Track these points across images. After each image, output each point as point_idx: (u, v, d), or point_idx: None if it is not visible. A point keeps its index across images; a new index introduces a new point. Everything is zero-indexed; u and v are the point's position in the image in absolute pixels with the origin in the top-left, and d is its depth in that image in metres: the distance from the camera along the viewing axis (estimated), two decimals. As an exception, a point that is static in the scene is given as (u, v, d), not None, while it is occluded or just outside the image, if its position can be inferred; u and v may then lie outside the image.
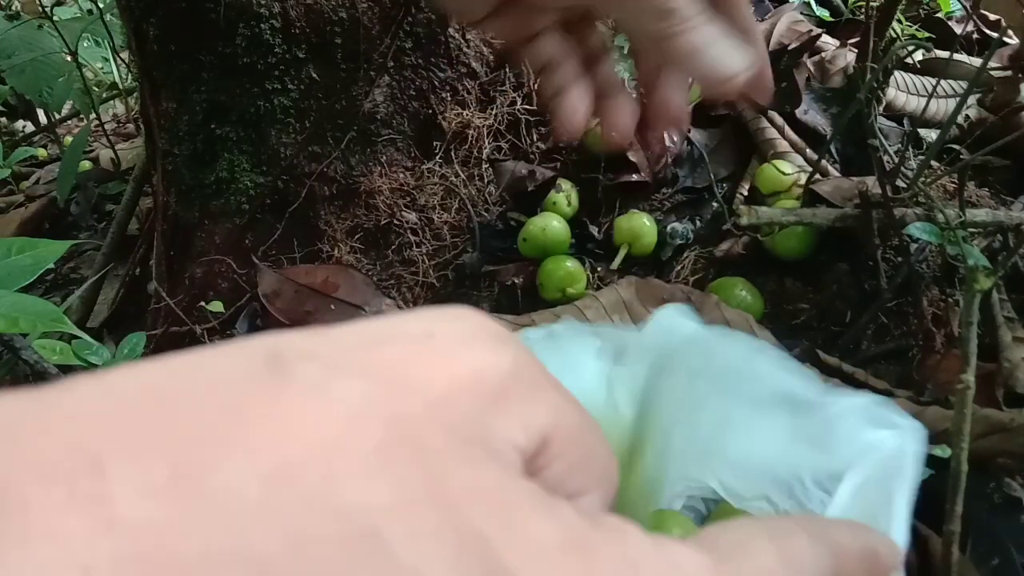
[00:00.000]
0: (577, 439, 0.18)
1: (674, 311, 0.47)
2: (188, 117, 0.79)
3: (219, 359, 0.14)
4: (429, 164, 0.81)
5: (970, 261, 0.48)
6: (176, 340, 0.80)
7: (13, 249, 0.53)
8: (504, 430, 0.16)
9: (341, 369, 0.15)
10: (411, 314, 0.17)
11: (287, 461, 0.13)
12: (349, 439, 0.13)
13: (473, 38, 0.80)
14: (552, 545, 0.14)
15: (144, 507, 0.11)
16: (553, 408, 0.17)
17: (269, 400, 0.13)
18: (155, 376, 0.14)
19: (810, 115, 0.78)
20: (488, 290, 0.73)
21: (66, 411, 0.13)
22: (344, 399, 0.14)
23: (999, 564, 0.46)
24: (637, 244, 0.70)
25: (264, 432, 0.13)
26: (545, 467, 0.17)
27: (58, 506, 0.11)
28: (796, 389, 0.39)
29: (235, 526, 0.12)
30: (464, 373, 0.16)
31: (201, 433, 0.13)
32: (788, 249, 0.67)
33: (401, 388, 0.15)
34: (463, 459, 0.14)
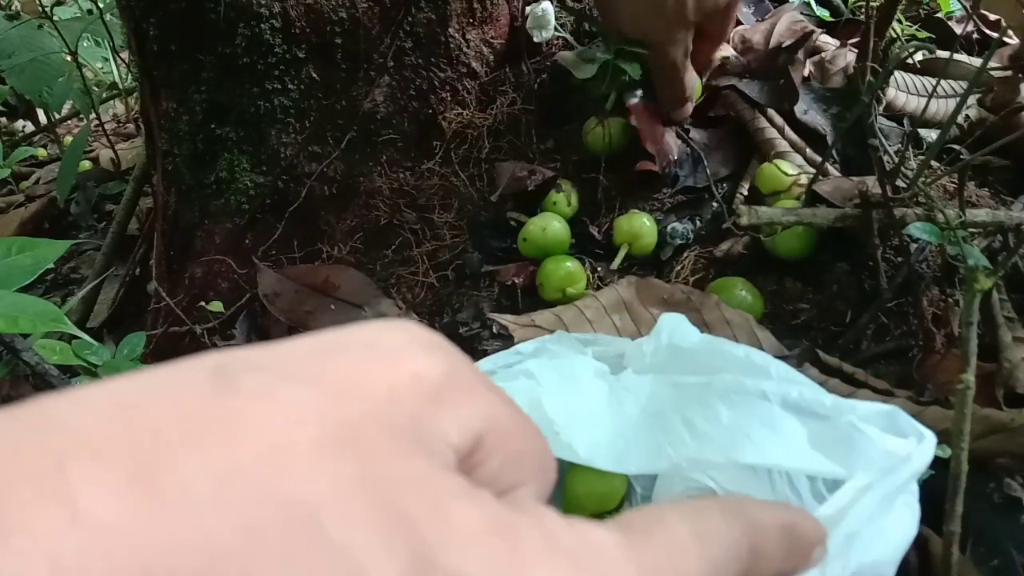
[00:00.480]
0: (510, 436, 0.19)
1: (676, 319, 0.47)
2: (188, 117, 0.79)
3: (175, 373, 0.16)
4: (429, 164, 0.81)
5: (970, 261, 0.48)
6: (176, 340, 0.80)
7: (13, 249, 0.53)
8: (439, 429, 0.17)
9: (285, 378, 0.16)
10: (353, 328, 0.19)
11: (236, 461, 0.14)
12: (292, 439, 0.15)
13: (473, 38, 0.80)
14: (475, 528, 0.16)
15: (106, 503, 0.12)
16: (486, 409, 0.18)
17: (218, 407, 0.15)
18: (119, 391, 0.15)
19: (810, 115, 0.78)
20: (488, 290, 0.73)
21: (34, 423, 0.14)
22: (288, 404, 0.15)
23: (999, 564, 0.46)
24: (637, 244, 0.70)
25: (215, 436, 0.14)
26: (480, 463, 0.18)
27: (26, 504, 0.12)
28: (808, 397, 0.39)
29: (190, 518, 0.13)
30: (402, 378, 0.17)
31: (157, 438, 0.14)
32: (789, 249, 0.67)
33: (342, 393, 0.16)
34: (397, 454, 0.16)
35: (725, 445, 0.40)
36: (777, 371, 0.42)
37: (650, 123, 0.77)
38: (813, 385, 0.41)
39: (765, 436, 0.39)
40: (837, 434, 0.38)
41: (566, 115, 0.82)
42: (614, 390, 0.46)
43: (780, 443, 0.39)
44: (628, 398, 0.45)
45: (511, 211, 0.78)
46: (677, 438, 0.42)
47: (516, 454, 0.19)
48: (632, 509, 0.20)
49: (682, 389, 0.43)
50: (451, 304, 0.73)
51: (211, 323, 0.77)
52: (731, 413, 0.41)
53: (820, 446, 0.38)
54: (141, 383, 0.15)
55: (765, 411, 0.40)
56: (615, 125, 0.75)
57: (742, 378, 0.41)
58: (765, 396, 0.40)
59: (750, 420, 0.40)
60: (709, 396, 0.42)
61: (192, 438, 0.14)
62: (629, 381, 0.46)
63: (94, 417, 0.14)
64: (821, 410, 0.39)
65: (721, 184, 0.76)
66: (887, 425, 0.38)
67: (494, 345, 0.67)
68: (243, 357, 0.17)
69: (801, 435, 0.39)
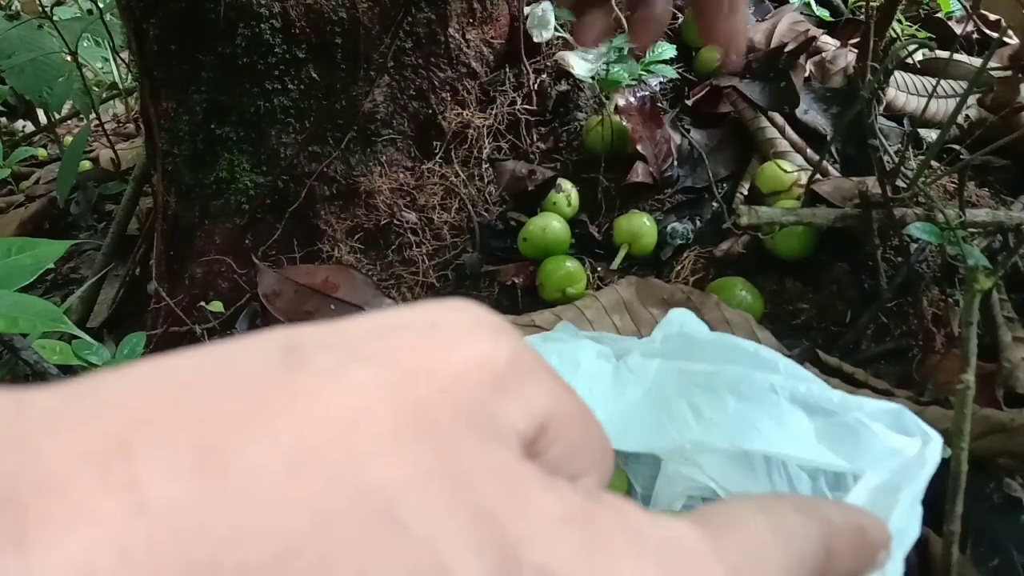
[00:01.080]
0: (573, 425, 0.18)
1: (686, 314, 0.47)
2: (188, 117, 0.79)
3: (239, 351, 0.15)
4: (429, 164, 0.81)
5: (970, 261, 0.48)
6: (176, 340, 0.80)
7: (13, 249, 0.53)
8: (506, 415, 0.16)
9: (354, 357, 0.15)
10: (416, 306, 0.18)
11: (308, 443, 0.13)
12: (365, 421, 0.14)
13: (473, 38, 0.80)
14: (555, 517, 0.15)
15: (173, 489, 0.12)
16: (550, 395, 0.18)
17: (288, 387, 0.14)
18: (179, 368, 0.14)
19: (810, 115, 0.78)
20: (488, 290, 0.73)
21: (96, 403, 0.13)
22: (358, 384, 0.15)
23: (999, 564, 0.46)
24: (637, 244, 0.70)
25: (285, 417, 0.14)
26: (544, 451, 0.17)
27: (93, 490, 0.12)
28: (816, 393, 0.39)
29: (260, 504, 0.12)
30: (467, 361, 0.17)
31: (224, 420, 0.13)
32: (789, 249, 0.67)
33: (410, 374, 0.16)
34: (471, 440, 0.15)
35: (731, 432, 0.40)
36: (785, 367, 0.42)
37: (644, 124, 0.77)
38: (820, 382, 0.41)
39: (772, 427, 0.39)
40: (844, 430, 0.38)
41: (566, 115, 0.82)
42: (618, 372, 0.46)
43: (786, 435, 0.39)
44: (632, 380, 0.45)
45: (511, 211, 0.78)
46: (682, 421, 0.42)
47: (578, 442, 0.19)
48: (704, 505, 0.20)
49: (689, 376, 0.43)
50: (451, 303, 0.73)
51: (211, 323, 0.77)
52: (738, 403, 0.40)
53: (826, 440, 0.38)
54: (205, 360, 0.15)
55: (772, 404, 0.40)
56: (615, 125, 0.75)
57: (751, 371, 0.41)
58: (773, 389, 0.40)
59: (757, 411, 0.40)
60: (717, 385, 0.42)
61: (260, 419, 0.13)
62: (635, 363, 0.46)
63: (158, 396, 0.13)
64: (828, 406, 0.39)
65: (721, 184, 0.76)
66: (893, 423, 0.38)
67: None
68: (311, 334, 0.16)
69: (808, 429, 0.39)
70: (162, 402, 0.13)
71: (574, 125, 0.81)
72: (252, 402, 0.14)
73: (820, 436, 0.38)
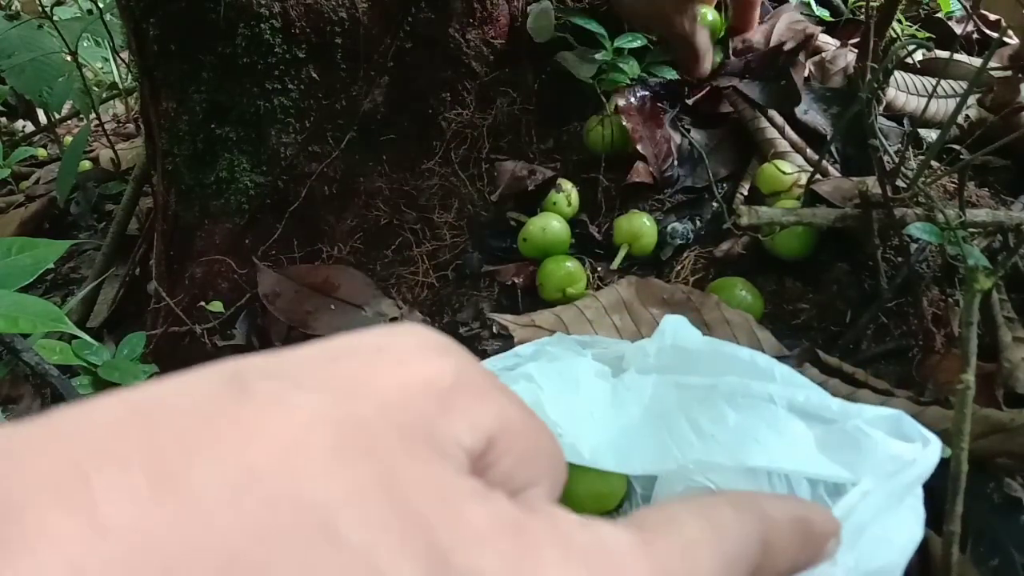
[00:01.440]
0: (521, 437, 0.19)
1: (678, 321, 0.47)
2: (188, 117, 0.79)
3: (187, 382, 0.16)
4: (429, 164, 0.81)
5: (970, 261, 0.48)
6: (176, 340, 0.80)
7: (13, 249, 0.53)
8: (450, 431, 0.17)
9: (296, 384, 0.16)
10: (361, 332, 0.19)
11: (251, 465, 0.14)
12: (306, 443, 0.15)
13: (473, 38, 0.80)
14: (488, 528, 0.16)
15: (127, 511, 0.13)
16: (498, 411, 0.19)
17: (232, 414, 0.15)
18: (131, 398, 0.15)
19: (810, 115, 0.78)
20: (488, 290, 0.73)
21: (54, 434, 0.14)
22: (299, 409, 0.16)
23: (999, 564, 0.46)
24: (637, 244, 0.70)
25: (230, 442, 0.14)
26: (492, 464, 0.18)
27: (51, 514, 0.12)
28: (815, 401, 0.39)
29: (207, 523, 0.13)
30: (412, 381, 0.17)
31: (175, 445, 0.14)
32: (789, 249, 0.67)
33: (354, 396, 0.16)
34: (410, 456, 0.16)
35: (732, 448, 0.40)
36: (781, 374, 0.42)
37: (644, 124, 0.77)
38: (818, 389, 0.41)
39: (772, 439, 0.39)
40: (844, 438, 0.38)
41: (566, 115, 0.82)
42: (616, 390, 0.46)
43: (788, 447, 0.39)
44: (631, 398, 0.45)
45: (511, 211, 0.78)
46: (683, 440, 0.42)
47: (527, 454, 0.19)
48: (643, 507, 0.20)
49: (686, 390, 0.43)
50: (451, 304, 0.73)
51: (211, 323, 0.77)
52: (737, 416, 0.40)
53: (827, 450, 0.38)
54: (157, 391, 0.16)
55: (771, 414, 0.40)
56: (615, 125, 0.75)
57: (748, 381, 0.41)
58: (771, 399, 0.40)
59: (756, 423, 0.40)
60: (715, 398, 0.42)
61: (208, 444, 0.14)
62: (632, 381, 0.46)
63: (112, 425, 0.14)
64: (827, 414, 0.39)
65: (721, 184, 0.76)
66: (893, 429, 0.38)
67: (494, 345, 0.67)
68: (257, 364, 0.17)
69: (808, 439, 0.39)
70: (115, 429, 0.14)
71: (574, 125, 0.81)
72: (199, 428, 0.15)
73: (821, 446, 0.38)
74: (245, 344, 0.74)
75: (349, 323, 0.73)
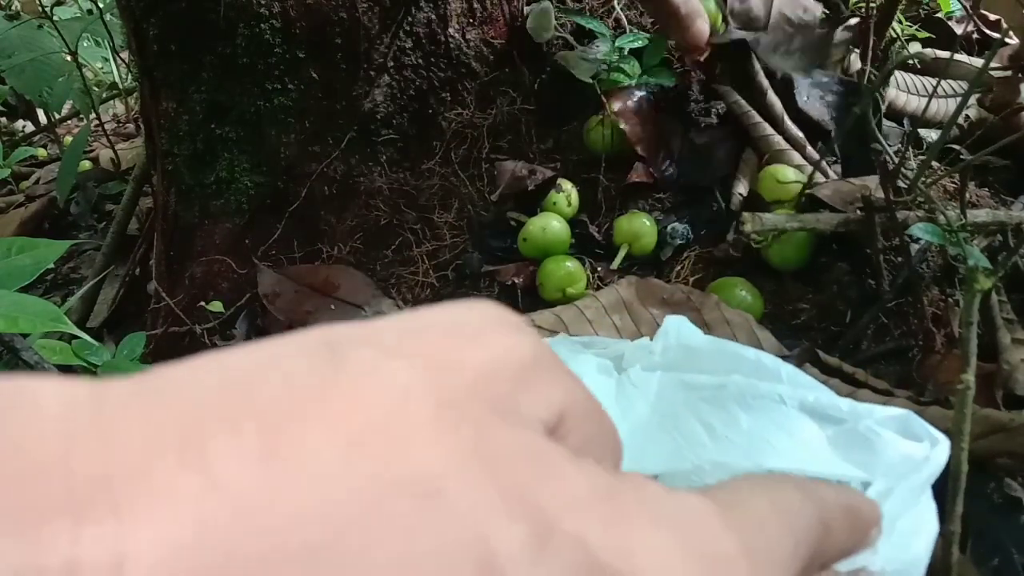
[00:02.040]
0: (588, 416, 0.20)
1: (680, 321, 0.47)
2: (188, 117, 0.79)
3: (281, 349, 0.17)
4: (429, 164, 0.81)
5: (971, 261, 0.48)
6: (176, 340, 0.80)
7: (13, 249, 0.53)
8: (530, 405, 0.18)
9: (389, 354, 0.17)
10: (440, 307, 0.20)
11: (358, 431, 0.15)
12: (406, 411, 0.15)
13: (473, 38, 0.80)
14: (584, 492, 0.16)
15: (241, 471, 0.13)
16: (567, 389, 0.19)
17: (332, 380, 0.16)
18: (235, 362, 0.16)
19: (810, 103, 0.77)
20: (488, 290, 0.73)
21: (165, 395, 0.15)
22: (396, 378, 0.16)
23: (999, 564, 0.46)
24: (637, 244, 0.70)
25: (334, 408, 0.15)
26: (562, 439, 0.19)
27: (171, 471, 0.13)
28: (825, 402, 0.39)
29: (317, 488, 0.14)
30: (492, 356, 0.18)
31: (280, 410, 0.15)
32: (783, 258, 0.66)
33: (442, 368, 0.17)
34: (502, 425, 0.17)
35: (747, 450, 0.40)
36: (789, 375, 0.42)
37: (643, 126, 0.77)
38: (826, 389, 0.41)
39: (785, 441, 0.39)
40: (856, 438, 0.38)
41: (566, 115, 0.82)
42: (622, 387, 0.46)
43: (801, 448, 0.39)
44: (636, 395, 0.45)
45: (511, 211, 0.78)
46: (695, 440, 0.41)
47: (593, 433, 0.20)
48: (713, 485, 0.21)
49: (693, 389, 0.43)
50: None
51: (211, 323, 0.77)
52: (749, 417, 0.40)
53: (840, 450, 0.38)
54: (257, 357, 0.16)
55: (783, 415, 0.40)
56: (615, 125, 0.75)
57: (756, 381, 0.41)
58: (782, 400, 0.40)
59: (769, 425, 0.40)
60: (725, 399, 0.42)
61: (312, 410, 0.15)
62: (637, 378, 0.46)
63: (216, 390, 0.15)
64: (838, 414, 0.39)
65: (721, 184, 0.76)
66: (902, 429, 0.38)
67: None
68: (348, 334, 0.17)
69: (821, 440, 0.39)
70: (220, 395, 0.15)
71: (574, 125, 0.81)
72: (304, 394, 0.15)
73: (834, 446, 0.38)
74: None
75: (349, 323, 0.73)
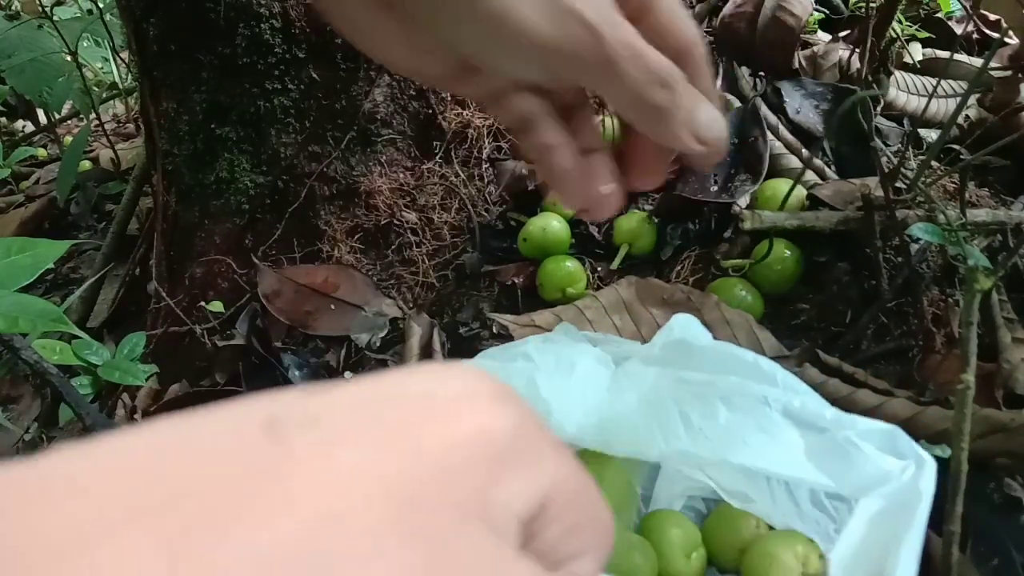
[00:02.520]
0: (573, 503, 0.18)
1: (689, 320, 0.47)
2: (188, 117, 0.79)
3: (218, 427, 0.14)
4: (429, 164, 0.81)
5: (970, 261, 0.48)
6: (176, 340, 0.80)
7: (13, 249, 0.53)
8: (503, 498, 0.16)
9: (340, 437, 0.15)
10: (410, 373, 0.17)
11: (282, 547, 0.12)
12: (348, 515, 0.13)
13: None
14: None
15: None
16: (552, 471, 0.17)
17: (267, 473, 0.13)
18: (155, 445, 0.14)
19: (802, 114, 0.78)
20: (488, 290, 0.73)
21: (54, 486, 0.13)
22: (343, 470, 0.14)
23: (999, 564, 0.46)
24: (637, 244, 0.70)
25: (258, 513, 0.13)
26: (541, 530, 0.17)
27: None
28: (810, 409, 0.39)
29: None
30: (464, 436, 0.16)
31: (200, 512, 0.13)
32: (767, 281, 0.65)
33: (401, 455, 0.15)
34: (464, 533, 0.14)
35: (719, 444, 0.40)
36: (783, 379, 0.42)
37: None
38: (815, 396, 0.41)
39: (760, 441, 0.39)
40: (834, 448, 0.38)
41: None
42: (616, 377, 0.46)
43: (774, 450, 0.39)
44: (629, 385, 0.45)
45: (511, 211, 0.78)
46: (670, 430, 0.42)
47: (578, 523, 0.18)
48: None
49: (685, 384, 0.43)
50: (451, 304, 0.73)
51: (211, 323, 0.77)
52: (730, 414, 0.41)
53: (815, 457, 0.38)
54: (185, 435, 0.14)
55: (765, 417, 0.40)
56: (616, 124, 0.75)
57: (747, 382, 0.41)
58: (767, 402, 0.40)
59: (748, 423, 0.40)
60: (711, 395, 0.42)
61: (239, 513, 0.13)
62: (632, 369, 0.46)
63: (132, 476, 0.13)
64: (821, 422, 0.39)
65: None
66: (886, 444, 0.38)
67: (494, 345, 0.67)
68: (294, 411, 0.15)
69: (798, 445, 0.39)
70: (135, 483, 0.13)
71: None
72: (230, 490, 0.13)
73: (810, 453, 0.39)
74: (245, 344, 0.74)
75: (349, 323, 0.73)
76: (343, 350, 0.72)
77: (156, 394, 0.76)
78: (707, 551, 0.47)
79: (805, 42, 0.83)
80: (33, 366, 0.55)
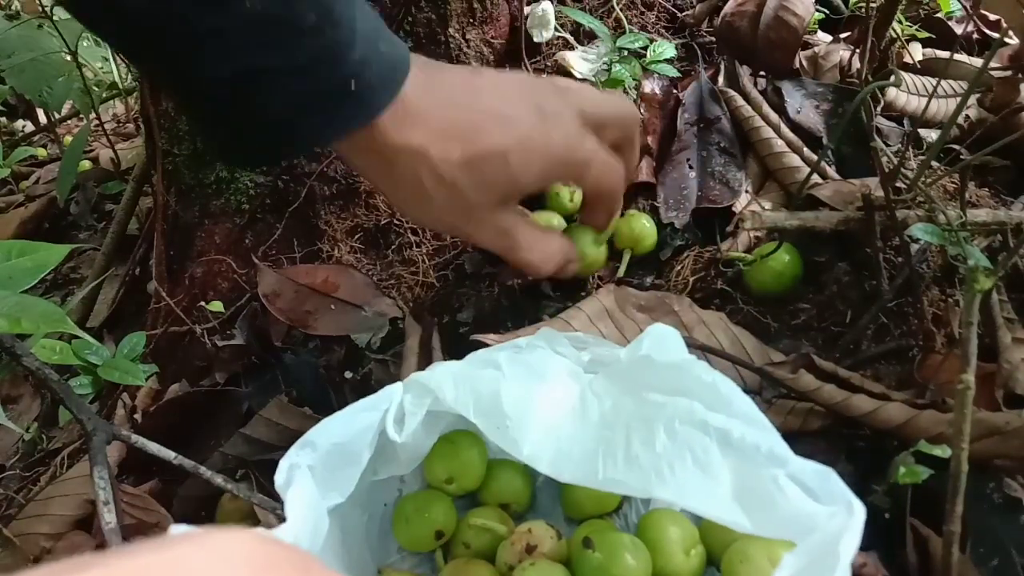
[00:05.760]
0: None
1: (666, 332, 0.47)
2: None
3: None
4: (429, 164, 0.80)
5: (971, 261, 0.48)
6: (176, 340, 0.80)
7: (13, 252, 0.53)
8: None
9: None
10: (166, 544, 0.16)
11: None
12: None
13: (473, 38, 0.80)
14: None
15: None
16: None
17: None
18: None
19: (803, 114, 0.78)
20: (488, 290, 0.73)
21: None
22: None
23: (999, 564, 0.46)
24: (639, 247, 0.70)
25: None
26: None
27: None
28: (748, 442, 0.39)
29: None
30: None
31: None
32: (761, 284, 0.65)
33: None
34: None
35: (647, 475, 0.40)
36: (740, 406, 0.41)
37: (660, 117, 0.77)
38: (762, 425, 0.40)
39: (688, 474, 0.39)
40: (760, 486, 0.38)
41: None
42: (584, 393, 0.46)
43: (703, 485, 0.39)
44: (593, 403, 0.45)
45: (511, 211, 0.78)
46: (611, 456, 0.42)
47: None
48: None
49: (643, 405, 0.43)
50: (451, 304, 0.73)
51: (211, 323, 0.77)
52: (668, 442, 0.41)
53: (740, 494, 0.38)
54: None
55: (702, 447, 0.40)
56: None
57: (696, 406, 0.41)
58: (707, 431, 0.40)
59: (683, 454, 0.40)
60: (657, 418, 0.42)
61: None
62: (600, 386, 0.46)
63: None
64: (756, 457, 0.38)
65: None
66: (818, 484, 0.37)
67: (494, 345, 0.67)
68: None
69: (726, 481, 0.39)
70: None
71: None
72: None
73: (737, 492, 0.38)
74: (245, 344, 0.74)
75: (349, 323, 0.73)
76: (343, 350, 0.72)
77: (156, 394, 0.76)
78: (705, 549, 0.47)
79: (805, 42, 0.83)
80: (35, 372, 0.55)
